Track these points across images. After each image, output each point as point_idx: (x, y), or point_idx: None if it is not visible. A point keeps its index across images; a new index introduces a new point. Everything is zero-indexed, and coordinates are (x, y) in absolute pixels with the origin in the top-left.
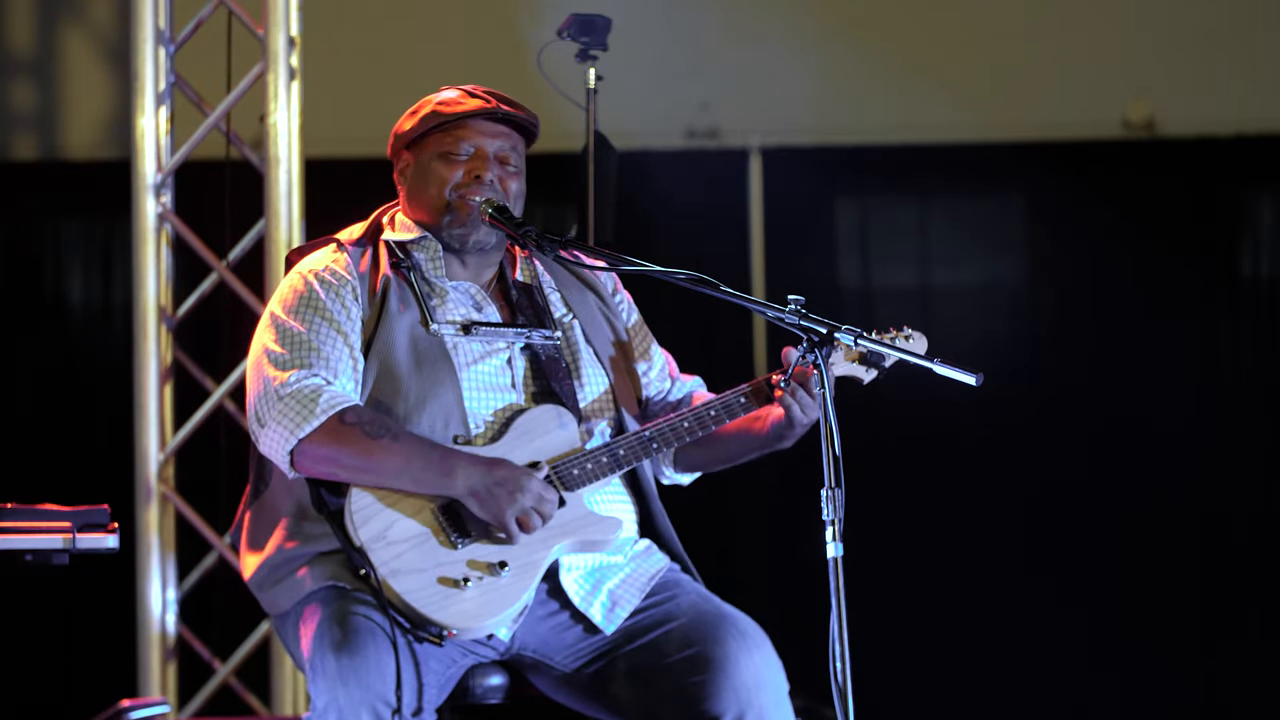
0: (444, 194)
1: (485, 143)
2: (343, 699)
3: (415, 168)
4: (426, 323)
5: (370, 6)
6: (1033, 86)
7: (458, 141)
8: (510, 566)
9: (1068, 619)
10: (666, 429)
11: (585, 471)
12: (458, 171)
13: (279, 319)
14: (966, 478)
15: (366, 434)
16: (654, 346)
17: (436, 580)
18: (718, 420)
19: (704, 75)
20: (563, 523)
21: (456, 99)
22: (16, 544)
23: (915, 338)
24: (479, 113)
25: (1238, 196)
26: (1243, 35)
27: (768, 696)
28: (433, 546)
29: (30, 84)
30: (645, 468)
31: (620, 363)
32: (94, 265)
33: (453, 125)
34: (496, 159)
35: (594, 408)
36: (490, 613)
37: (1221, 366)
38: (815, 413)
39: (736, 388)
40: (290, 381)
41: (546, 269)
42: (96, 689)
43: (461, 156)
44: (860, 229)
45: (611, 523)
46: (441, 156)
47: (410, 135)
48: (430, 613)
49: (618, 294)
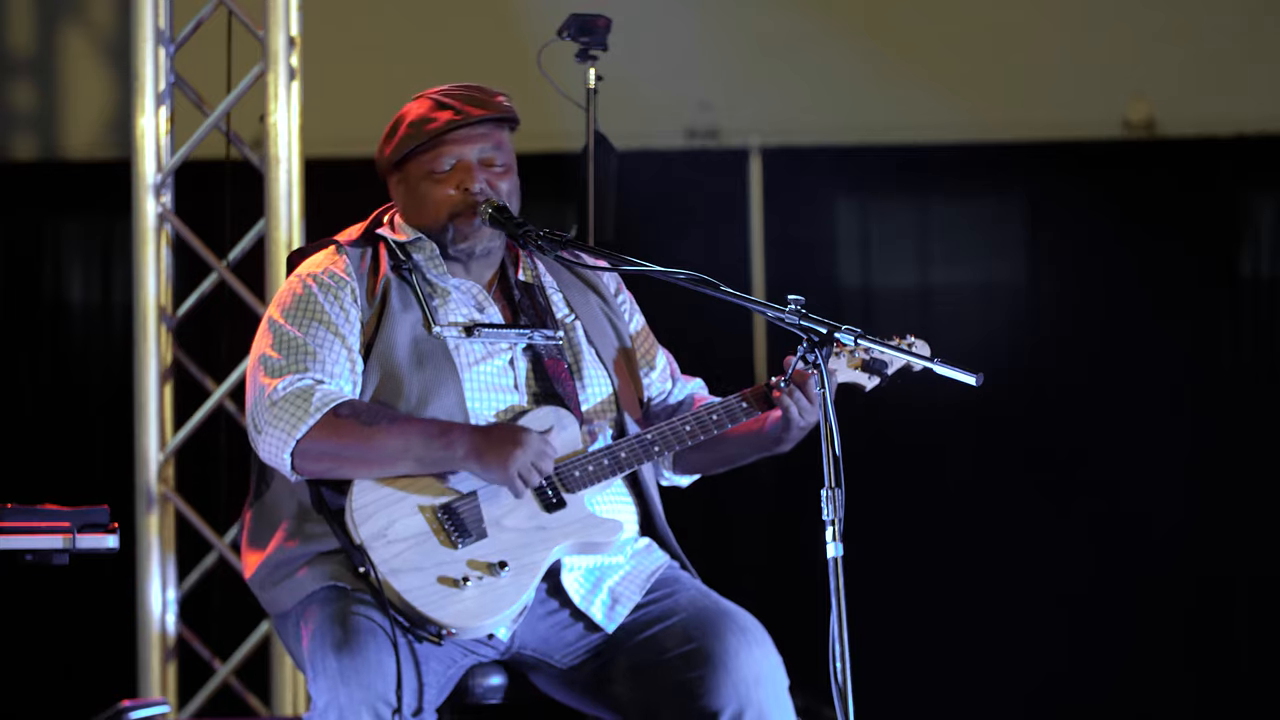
0: (441, 216)
1: (465, 151)
2: (343, 698)
3: (405, 190)
4: (429, 324)
5: (370, 6)
6: (1033, 86)
7: (439, 158)
8: (510, 566)
9: (1068, 619)
10: (668, 432)
11: (587, 474)
12: (447, 189)
13: (276, 324)
14: (966, 477)
15: (363, 422)
16: (656, 347)
17: (436, 579)
18: (719, 425)
19: (704, 75)
20: (563, 524)
21: (427, 115)
22: (16, 544)
23: (918, 345)
24: (452, 125)
25: (1238, 196)
26: (1243, 35)
27: (767, 692)
28: (433, 546)
29: (30, 84)
30: (646, 469)
31: (622, 364)
32: (94, 265)
33: (430, 145)
34: (481, 164)
35: (596, 409)
36: (489, 613)
37: (1221, 366)
38: (813, 416)
39: (738, 392)
40: (282, 387)
41: (548, 269)
42: (96, 689)
43: (445, 171)
44: (860, 229)
45: (612, 525)
46: (427, 178)
47: (392, 161)
48: (430, 612)
49: (620, 294)
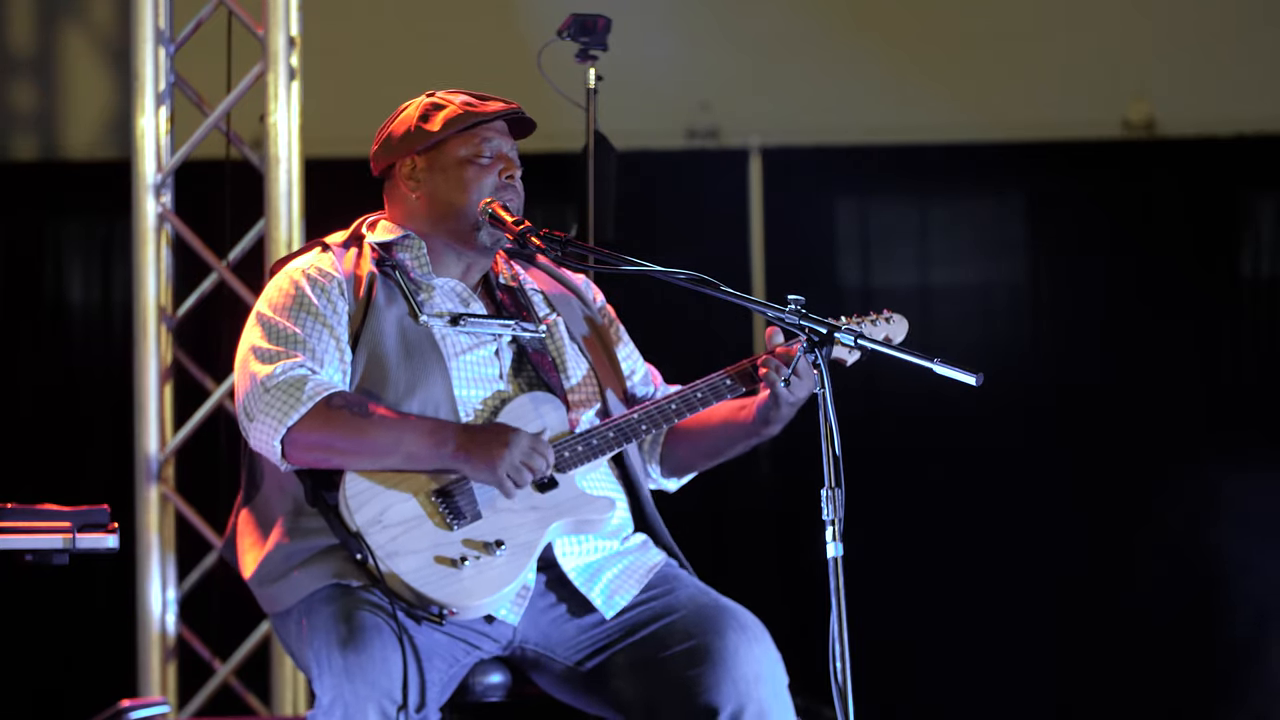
0: (476, 201)
1: (505, 145)
2: (349, 695)
3: (435, 173)
4: (415, 315)
5: (370, 6)
6: (1033, 86)
7: (483, 143)
8: (506, 545)
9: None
10: (654, 410)
11: (576, 454)
12: (489, 176)
13: (265, 317)
14: (965, 477)
15: (355, 414)
16: (636, 355)
17: (434, 560)
18: (704, 402)
19: (704, 75)
20: (556, 503)
21: (467, 103)
22: (16, 544)
23: (895, 320)
24: (503, 114)
25: (1238, 196)
26: (1243, 35)
27: (767, 689)
28: (429, 528)
29: (30, 84)
30: (634, 461)
31: (604, 359)
32: (94, 265)
33: (479, 127)
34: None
35: (580, 398)
36: (488, 591)
37: (1221, 366)
38: (802, 391)
39: (720, 370)
40: (276, 374)
41: (528, 273)
42: (96, 689)
43: (487, 159)
44: (860, 229)
45: (604, 502)
46: (467, 161)
47: (432, 138)
48: (430, 592)
49: (598, 301)
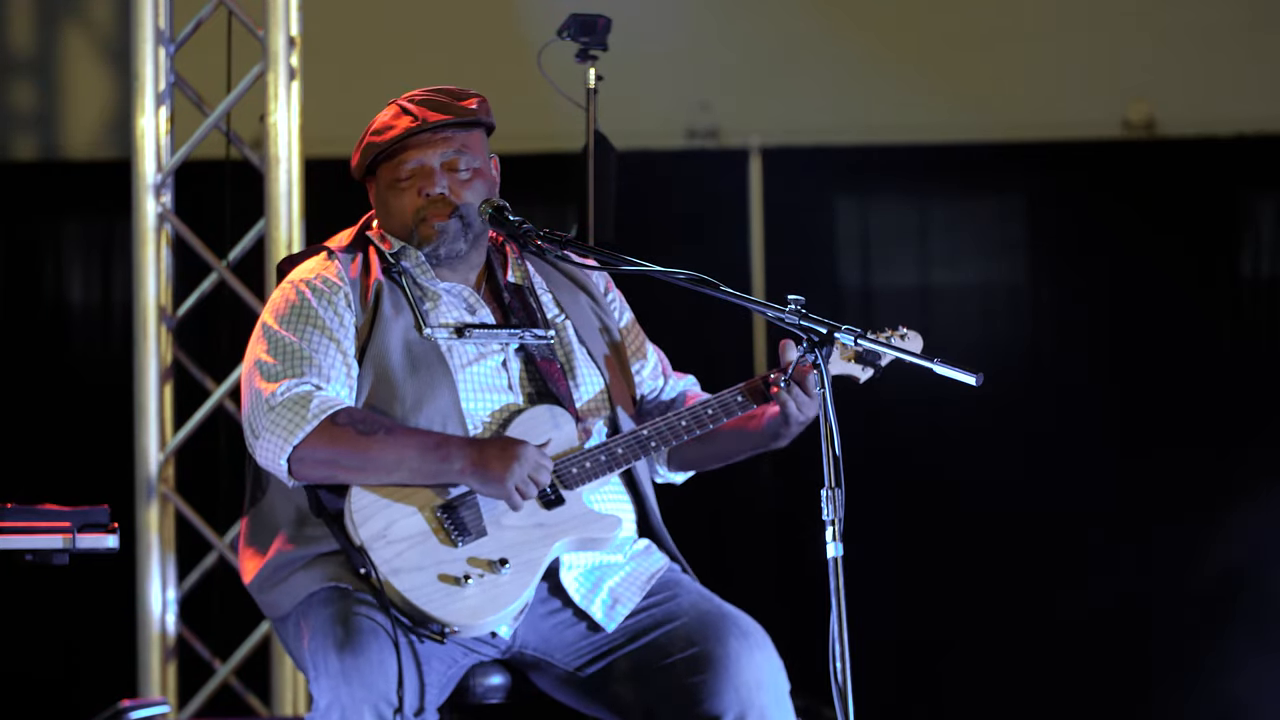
0: (406, 222)
1: (427, 157)
2: (345, 698)
3: (376, 199)
4: (420, 327)
5: (370, 6)
6: (1033, 86)
7: (400, 165)
8: (511, 564)
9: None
10: (664, 427)
11: (584, 470)
12: (408, 195)
13: (270, 329)
14: (965, 477)
15: (360, 431)
16: (647, 344)
17: (437, 578)
18: (715, 419)
19: (704, 75)
20: (562, 521)
21: (388, 123)
22: (16, 544)
23: (910, 337)
24: (410, 132)
25: (1238, 196)
26: (1243, 35)
27: (769, 696)
28: (433, 545)
29: (30, 84)
30: (641, 468)
31: (614, 362)
32: (94, 265)
33: (392, 152)
34: (444, 168)
35: (590, 407)
36: (491, 610)
37: (1222, 366)
38: (812, 410)
39: (733, 387)
40: (280, 391)
41: (538, 270)
42: (96, 689)
43: (405, 181)
44: (860, 229)
45: (611, 520)
46: (391, 186)
47: (361, 171)
48: (432, 610)
49: (609, 293)
